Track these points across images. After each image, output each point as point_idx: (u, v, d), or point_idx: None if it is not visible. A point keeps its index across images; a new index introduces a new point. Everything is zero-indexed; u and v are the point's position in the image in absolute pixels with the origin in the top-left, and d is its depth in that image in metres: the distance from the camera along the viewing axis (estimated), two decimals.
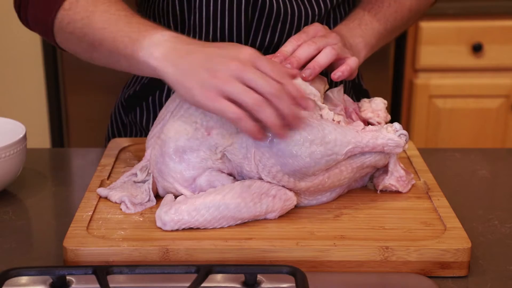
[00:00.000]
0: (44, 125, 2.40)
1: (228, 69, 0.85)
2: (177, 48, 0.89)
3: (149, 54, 0.89)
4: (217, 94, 0.84)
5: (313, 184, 0.92)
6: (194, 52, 0.88)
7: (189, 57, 0.87)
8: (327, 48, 0.98)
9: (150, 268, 0.75)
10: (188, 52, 0.88)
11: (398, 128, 0.95)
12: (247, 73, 0.84)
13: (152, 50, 0.89)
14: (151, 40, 0.90)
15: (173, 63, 0.88)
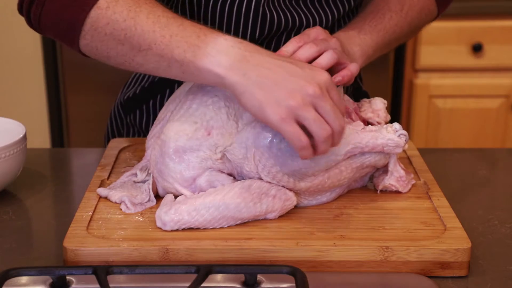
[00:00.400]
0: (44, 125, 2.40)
1: (306, 93, 0.82)
2: (246, 56, 0.85)
3: (216, 62, 0.85)
4: (289, 116, 0.82)
5: (313, 184, 0.92)
6: (267, 63, 0.85)
7: (262, 69, 0.84)
8: (329, 51, 0.98)
9: (150, 268, 0.75)
10: (260, 62, 0.85)
11: (398, 128, 0.95)
12: (323, 102, 0.83)
13: (219, 58, 0.85)
14: (216, 47, 0.86)
15: (244, 73, 0.84)
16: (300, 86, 0.83)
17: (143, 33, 0.89)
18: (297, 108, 0.82)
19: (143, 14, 0.90)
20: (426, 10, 1.19)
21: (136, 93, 1.24)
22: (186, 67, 0.88)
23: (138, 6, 0.91)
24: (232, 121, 0.92)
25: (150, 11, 0.90)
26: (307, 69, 0.85)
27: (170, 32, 0.88)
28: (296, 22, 1.13)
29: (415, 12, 1.17)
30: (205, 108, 0.93)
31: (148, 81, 1.23)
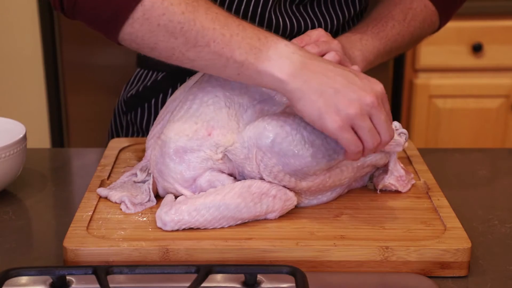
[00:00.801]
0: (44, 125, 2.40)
1: (365, 102, 0.84)
2: (307, 63, 0.86)
3: (278, 67, 0.85)
4: (346, 123, 0.84)
5: (314, 184, 0.92)
6: (327, 71, 0.86)
7: (322, 77, 0.85)
8: (331, 53, 0.98)
9: (150, 268, 0.75)
10: (320, 70, 0.86)
11: (397, 127, 0.95)
12: (378, 112, 0.85)
13: (281, 63, 0.86)
14: (277, 51, 0.86)
15: (305, 80, 0.85)
16: (359, 95, 0.84)
17: (202, 29, 0.87)
18: (355, 117, 0.84)
19: (201, 9, 0.88)
20: (429, 21, 1.19)
21: (138, 91, 1.24)
22: (245, 69, 0.87)
23: (195, 1, 0.88)
24: (232, 121, 0.92)
25: (208, 8, 0.89)
26: (365, 79, 0.87)
27: (231, 32, 0.87)
28: (302, 27, 1.13)
29: (418, 22, 1.17)
30: (206, 108, 0.93)
31: (151, 79, 1.23)
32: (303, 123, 0.89)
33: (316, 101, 0.85)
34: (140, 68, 1.27)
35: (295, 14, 1.13)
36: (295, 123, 0.89)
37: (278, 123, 0.89)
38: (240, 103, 0.93)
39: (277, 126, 0.89)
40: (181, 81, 1.10)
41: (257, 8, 1.09)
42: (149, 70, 1.24)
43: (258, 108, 0.93)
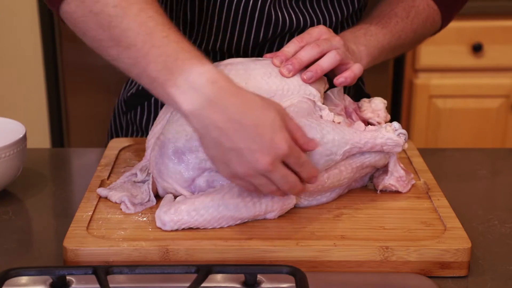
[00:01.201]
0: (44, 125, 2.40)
1: (255, 166, 0.80)
2: (213, 104, 0.80)
3: (182, 97, 0.81)
4: (237, 178, 0.83)
5: (312, 185, 0.91)
6: (228, 122, 0.80)
7: (222, 128, 0.80)
8: (332, 52, 0.98)
9: (150, 268, 0.75)
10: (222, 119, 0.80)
11: (397, 127, 0.95)
12: (272, 174, 0.81)
13: (186, 95, 0.81)
14: (187, 80, 0.81)
15: (205, 125, 0.81)
16: (253, 159, 0.80)
17: (127, 29, 0.83)
18: (243, 176, 0.82)
19: (135, 8, 0.84)
20: (431, 20, 1.19)
21: (138, 89, 1.24)
22: (155, 86, 0.83)
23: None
24: None
25: (142, 8, 0.84)
26: (267, 138, 0.80)
27: (153, 42, 0.83)
28: (301, 23, 1.13)
29: (421, 20, 1.17)
30: None
31: None
32: (300, 123, 0.89)
33: (211, 150, 0.83)
34: None
35: (294, 10, 1.13)
36: None
37: None
38: None
39: None
40: None
41: (256, 3, 1.09)
42: None
43: None
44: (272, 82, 0.94)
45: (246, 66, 0.96)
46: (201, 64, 0.82)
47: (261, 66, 0.96)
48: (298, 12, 1.13)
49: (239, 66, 0.96)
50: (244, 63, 0.97)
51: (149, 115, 1.24)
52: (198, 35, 1.15)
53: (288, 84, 0.95)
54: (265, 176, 0.82)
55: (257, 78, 0.94)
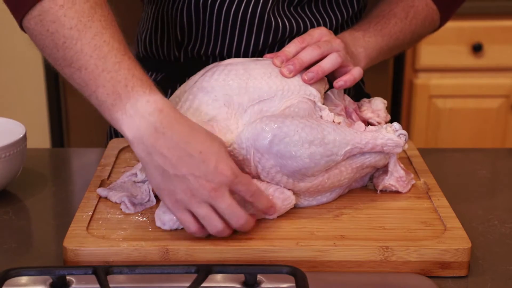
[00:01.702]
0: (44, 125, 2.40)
1: (202, 193, 0.81)
2: (158, 132, 0.81)
3: (128, 123, 0.82)
4: (181, 206, 0.83)
5: (312, 185, 0.92)
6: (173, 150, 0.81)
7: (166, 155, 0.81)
8: (333, 54, 0.98)
9: (150, 268, 0.75)
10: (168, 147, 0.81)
11: (397, 128, 0.95)
12: (218, 202, 0.82)
13: (132, 121, 0.82)
14: (134, 107, 0.82)
15: (149, 152, 0.82)
16: (198, 185, 0.81)
17: (80, 52, 0.85)
18: (189, 204, 0.82)
19: (90, 31, 0.85)
20: (430, 19, 1.19)
21: None
22: (103, 110, 0.85)
23: (90, 20, 0.85)
24: (232, 121, 0.92)
25: (98, 32, 0.85)
26: (212, 166, 0.81)
27: (104, 67, 0.84)
28: (301, 28, 1.13)
29: (419, 20, 1.17)
30: (205, 108, 0.93)
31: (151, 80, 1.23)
32: (301, 124, 0.89)
33: (156, 178, 0.82)
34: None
35: (293, 15, 1.13)
36: (293, 124, 0.89)
37: (276, 124, 0.89)
38: (240, 103, 0.93)
39: (275, 128, 0.89)
40: (180, 82, 1.11)
41: (256, 10, 1.09)
42: (148, 71, 1.24)
43: (257, 109, 0.93)
44: (272, 82, 0.94)
45: (246, 66, 0.96)
46: (150, 92, 0.84)
47: (261, 66, 0.96)
48: (298, 17, 1.13)
49: (239, 66, 0.96)
50: (244, 63, 0.97)
51: None
52: (197, 41, 1.15)
53: (289, 84, 0.95)
54: (210, 205, 0.82)
55: (257, 78, 0.94)
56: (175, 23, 1.15)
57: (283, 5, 1.12)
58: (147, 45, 1.22)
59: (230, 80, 0.94)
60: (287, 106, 0.94)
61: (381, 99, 1.06)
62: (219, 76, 0.94)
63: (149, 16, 1.21)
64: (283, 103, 0.94)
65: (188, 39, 1.15)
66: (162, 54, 1.20)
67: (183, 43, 1.16)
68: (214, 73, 0.95)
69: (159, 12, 1.18)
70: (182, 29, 1.14)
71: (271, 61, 0.97)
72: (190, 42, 1.15)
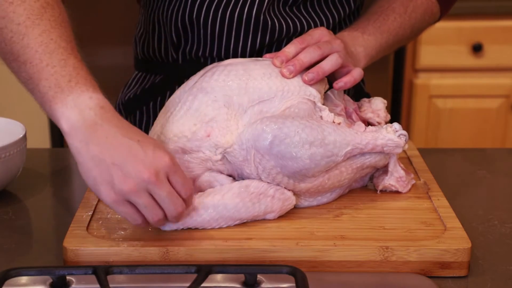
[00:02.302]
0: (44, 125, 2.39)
1: (140, 178, 0.79)
2: (97, 125, 0.81)
3: (67, 115, 0.83)
4: (121, 198, 0.80)
5: (313, 186, 0.92)
6: (113, 139, 0.81)
7: (105, 144, 0.80)
8: (334, 55, 0.98)
9: (150, 268, 0.75)
10: (107, 135, 0.81)
11: (397, 129, 0.95)
12: (157, 189, 0.80)
13: (71, 113, 0.82)
14: (76, 99, 0.82)
15: (86, 142, 0.81)
16: (136, 171, 0.79)
17: (26, 46, 0.85)
18: (128, 193, 0.80)
19: (38, 28, 0.85)
20: (429, 12, 1.19)
21: (136, 94, 1.24)
22: (44, 102, 0.85)
23: (39, 18, 0.86)
24: (232, 122, 0.92)
25: (46, 30, 0.86)
26: (150, 152, 0.81)
27: (49, 61, 0.84)
28: (298, 27, 1.13)
29: (419, 14, 1.17)
30: (205, 109, 0.93)
31: (148, 82, 1.23)
32: (301, 125, 0.89)
33: (92, 171, 0.80)
34: (137, 71, 1.27)
35: (289, 15, 1.13)
36: (293, 125, 0.89)
37: (276, 125, 0.89)
38: (239, 104, 0.93)
39: (275, 128, 0.88)
40: (179, 83, 1.11)
41: (251, 11, 1.09)
42: (147, 73, 1.24)
43: (257, 109, 0.93)
44: (272, 83, 0.94)
45: (246, 66, 0.96)
46: (94, 90, 0.84)
47: (261, 66, 0.96)
48: (294, 17, 1.13)
49: (239, 66, 0.96)
50: (244, 63, 0.97)
51: (149, 119, 1.24)
52: (194, 43, 1.14)
53: (288, 85, 0.95)
54: (150, 192, 0.80)
55: (257, 78, 0.94)
56: (171, 25, 1.15)
57: (278, 5, 1.12)
58: (145, 47, 1.22)
59: (230, 80, 0.94)
60: (287, 107, 0.93)
61: (381, 99, 1.06)
62: (219, 77, 0.94)
63: (146, 18, 1.21)
64: (283, 104, 0.94)
65: (184, 41, 1.15)
66: (159, 56, 1.20)
67: (180, 45, 1.16)
68: (214, 73, 0.95)
69: (155, 14, 1.18)
70: (177, 31, 1.14)
71: (270, 62, 0.97)
72: (187, 44, 1.15)
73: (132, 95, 1.25)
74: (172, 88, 1.19)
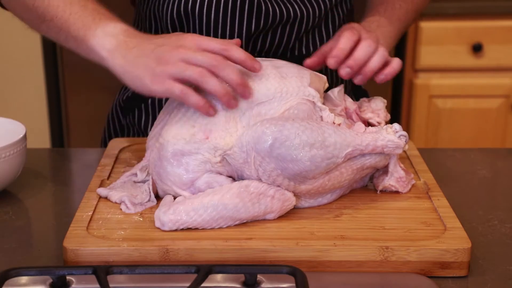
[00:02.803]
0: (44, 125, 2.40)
1: (173, 54, 0.89)
2: (127, 41, 0.93)
3: (101, 44, 0.94)
4: (165, 78, 0.88)
5: (313, 187, 0.92)
6: (142, 43, 0.93)
7: (137, 49, 0.92)
8: (381, 51, 0.99)
9: (150, 268, 0.75)
10: (137, 44, 0.93)
11: (397, 129, 0.95)
12: (189, 54, 0.89)
13: (103, 41, 0.94)
14: (104, 30, 0.95)
15: (122, 55, 0.92)
16: (167, 51, 0.90)
17: (48, 5, 0.98)
18: (167, 69, 0.88)
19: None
20: None
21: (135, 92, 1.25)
22: (79, 44, 0.97)
23: None
24: (231, 124, 0.92)
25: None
26: (175, 38, 0.92)
27: (71, 10, 0.97)
28: (291, 13, 1.13)
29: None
30: None
31: None
32: (301, 127, 0.89)
33: (134, 71, 0.91)
34: None
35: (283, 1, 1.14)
36: (293, 127, 0.89)
37: (277, 128, 0.88)
38: (238, 106, 0.93)
39: (276, 131, 0.88)
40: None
41: None
42: None
43: (256, 111, 0.93)
44: (270, 84, 0.94)
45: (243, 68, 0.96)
46: (116, 21, 0.97)
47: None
48: (287, 3, 1.14)
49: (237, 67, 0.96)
50: None
51: (147, 117, 1.24)
52: (189, 28, 1.15)
53: (287, 86, 0.95)
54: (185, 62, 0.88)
55: (255, 80, 0.94)
56: (167, 18, 1.15)
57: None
58: None
59: None
60: (286, 109, 0.93)
61: (381, 98, 1.06)
62: None
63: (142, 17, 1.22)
64: (282, 106, 0.94)
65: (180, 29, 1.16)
66: None
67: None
68: None
69: (150, 10, 1.19)
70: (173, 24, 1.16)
71: (269, 63, 0.97)
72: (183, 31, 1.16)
73: (130, 94, 1.25)
74: None
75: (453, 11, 2.19)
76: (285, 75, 0.96)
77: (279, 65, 0.98)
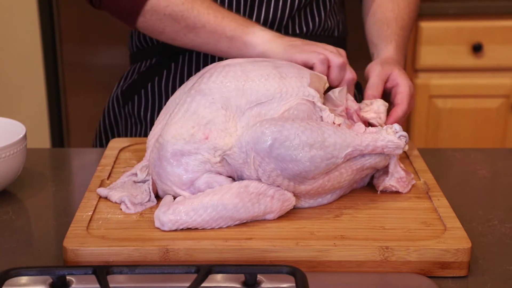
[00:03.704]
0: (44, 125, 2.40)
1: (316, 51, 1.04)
2: (279, 36, 1.09)
3: (261, 37, 1.08)
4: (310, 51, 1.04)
5: (313, 188, 0.91)
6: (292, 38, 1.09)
7: (289, 41, 1.08)
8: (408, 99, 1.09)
9: (150, 268, 0.75)
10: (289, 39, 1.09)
11: (397, 130, 0.95)
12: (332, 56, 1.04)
13: (262, 34, 1.09)
14: (258, 28, 1.09)
15: (278, 43, 1.07)
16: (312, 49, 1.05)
17: (198, 14, 1.10)
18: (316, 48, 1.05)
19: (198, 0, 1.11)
20: None
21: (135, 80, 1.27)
22: (234, 42, 1.09)
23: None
24: (230, 124, 0.92)
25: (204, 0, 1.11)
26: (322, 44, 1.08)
27: (222, 15, 1.10)
28: None
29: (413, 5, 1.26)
30: (203, 111, 0.93)
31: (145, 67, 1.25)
32: (301, 127, 0.89)
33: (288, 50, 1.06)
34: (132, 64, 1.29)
35: None
36: (293, 128, 0.89)
37: (276, 128, 0.88)
38: (237, 106, 0.93)
39: (275, 131, 0.88)
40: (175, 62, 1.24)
41: None
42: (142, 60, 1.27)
43: (255, 111, 0.93)
44: (270, 84, 0.94)
45: (244, 67, 0.96)
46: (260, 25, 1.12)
47: (258, 67, 0.96)
48: None
49: (237, 67, 0.96)
50: (242, 64, 0.97)
51: (147, 103, 1.25)
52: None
53: (286, 86, 0.95)
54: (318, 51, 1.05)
55: (254, 80, 0.94)
56: None
57: None
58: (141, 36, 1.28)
59: (228, 82, 0.94)
60: (286, 109, 0.93)
61: (382, 101, 1.06)
62: (216, 78, 0.94)
63: None
64: (282, 106, 0.94)
65: None
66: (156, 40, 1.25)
67: None
68: (212, 74, 0.95)
69: None
70: None
71: (268, 63, 0.97)
72: None
73: (131, 81, 1.27)
74: (168, 68, 1.21)
75: (453, 11, 2.19)
76: (284, 75, 0.96)
77: (279, 65, 0.98)
